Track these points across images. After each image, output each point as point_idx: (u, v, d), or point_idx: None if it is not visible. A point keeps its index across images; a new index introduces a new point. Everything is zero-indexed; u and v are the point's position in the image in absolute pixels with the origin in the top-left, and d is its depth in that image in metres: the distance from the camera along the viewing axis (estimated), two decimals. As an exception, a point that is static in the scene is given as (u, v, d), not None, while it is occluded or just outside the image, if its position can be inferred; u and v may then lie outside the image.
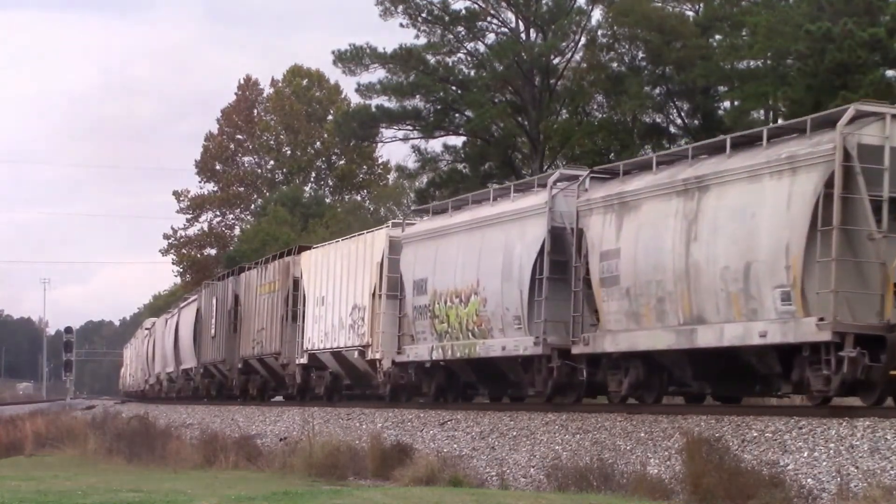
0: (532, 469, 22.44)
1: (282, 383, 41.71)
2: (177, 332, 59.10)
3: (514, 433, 24.72)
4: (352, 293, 34.13)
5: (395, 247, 31.84)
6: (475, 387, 31.03)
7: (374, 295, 32.62)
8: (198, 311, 53.23)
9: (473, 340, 27.90)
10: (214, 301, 49.40)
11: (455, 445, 25.44)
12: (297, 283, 38.96)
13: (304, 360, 37.86)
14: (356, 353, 33.71)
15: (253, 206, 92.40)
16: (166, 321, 64.30)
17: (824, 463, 17.79)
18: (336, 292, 35.27)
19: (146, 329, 77.33)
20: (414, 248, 30.89)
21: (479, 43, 61.66)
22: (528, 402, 28.58)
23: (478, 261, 27.76)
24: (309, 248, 39.58)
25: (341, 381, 36.55)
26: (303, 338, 37.75)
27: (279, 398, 43.55)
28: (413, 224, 32.53)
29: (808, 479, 17.54)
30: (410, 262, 30.90)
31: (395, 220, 34.18)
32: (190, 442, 33.91)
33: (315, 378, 37.68)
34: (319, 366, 37.22)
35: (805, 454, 18.25)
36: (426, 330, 29.97)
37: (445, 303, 28.95)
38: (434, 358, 29.70)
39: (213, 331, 49.14)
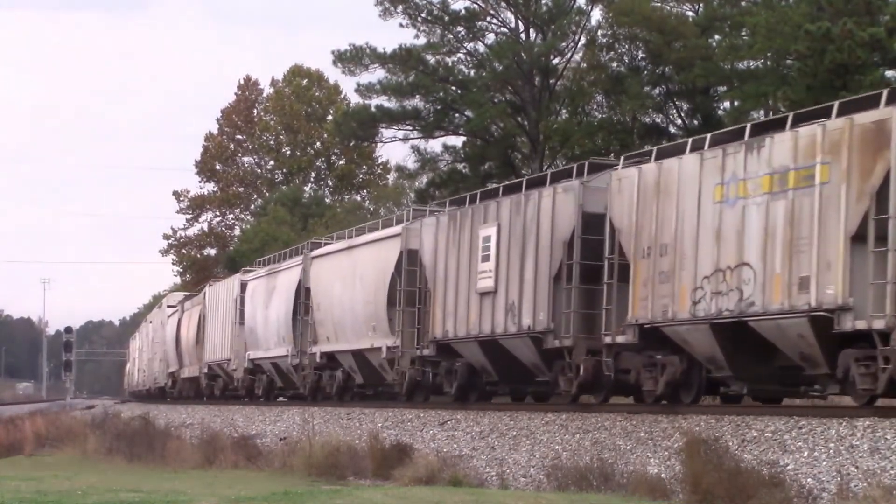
0: (532, 469, 22.44)
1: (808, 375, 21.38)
2: (299, 299, 38.88)
3: (514, 433, 24.72)
4: None
5: None
6: None
7: None
8: (405, 255, 31.80)
9: None
10: (494, 230, 27.79)
11: (455, 445, 25.44)
12: None
13: None
14: None
15: (253, 206, 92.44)
16: (242, 287, 45.02)
17: (824, 463, 17.79)
18: None
19: (169, 307, 60.66)
20: None
21: (479, 43, 61.76)
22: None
23: None
24: None
25: None
26: None
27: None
28: None
29: (808, 479, 17.53)
30: None
31: None
32: (190, 442, 33.92)
33: None
34: None
35: (805, 454, 18.25)
36: None
37: None
38: None
39: (495, 279, 27.52)
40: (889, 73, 43.34)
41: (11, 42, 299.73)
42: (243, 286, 45.10)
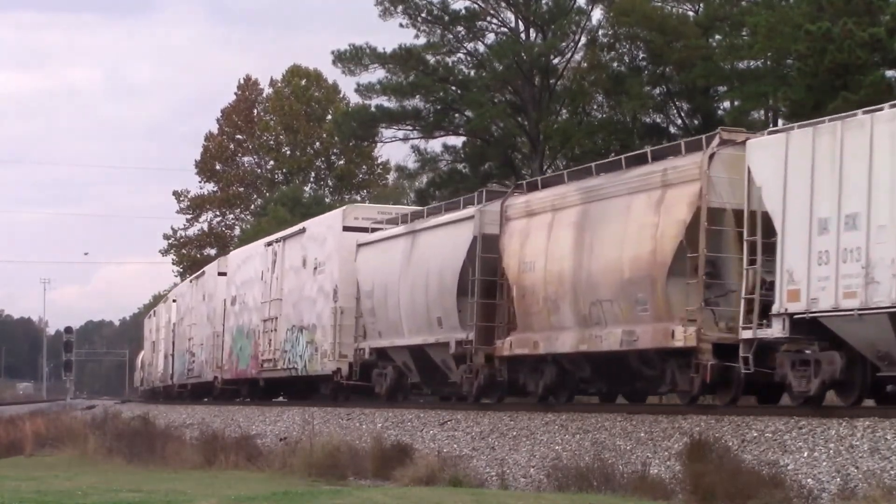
0: (532, 469, 22.42)
1: None
2: None
3: (514, 433, 24.70)
4: None
5: None
6: None
7: None
8: None
9: None
10: None
11: (455, 445, 25.42)
12: None
13: None
14: None
15: (253, 206, 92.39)
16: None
17: (824, 463, 17.78)
18: None
19: (349, 230, 35.25)
20: None
21: (479, 43, 61.74)
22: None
23: None
24: None
25: None
26: None
27: None
28: None
29: (808, 479, 17.53)
30: None
31: None
32: (190, 442, 33.88)
33: None
34: None
35: (805, 454, 18.24)
36: None
37: None
38: None
39: None
40: (889, 73, 43.31)
41: (11, 42, 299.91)
42: None
